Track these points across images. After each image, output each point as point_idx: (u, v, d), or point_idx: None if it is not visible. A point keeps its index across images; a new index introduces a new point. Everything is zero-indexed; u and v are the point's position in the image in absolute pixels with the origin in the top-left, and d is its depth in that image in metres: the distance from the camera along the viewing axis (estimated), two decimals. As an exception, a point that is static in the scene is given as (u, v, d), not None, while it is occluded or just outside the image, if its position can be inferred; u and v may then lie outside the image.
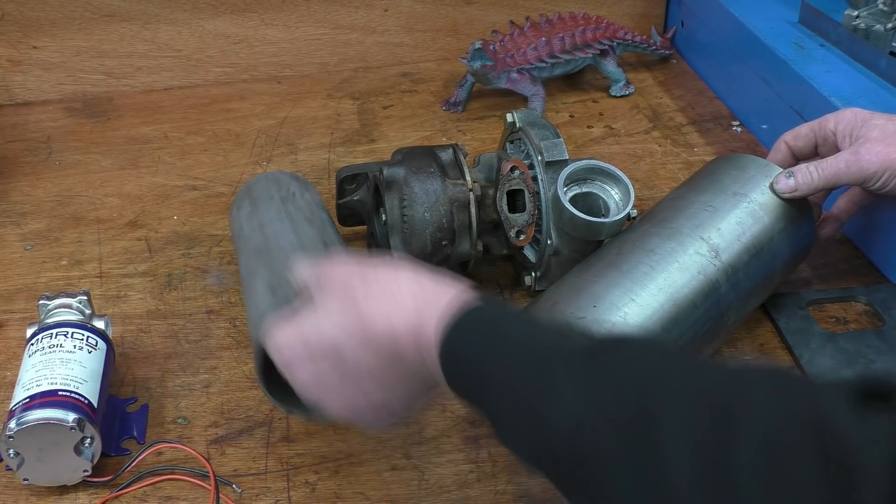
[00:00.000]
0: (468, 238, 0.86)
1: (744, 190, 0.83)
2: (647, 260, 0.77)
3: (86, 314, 0.81)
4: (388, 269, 0.57)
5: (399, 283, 0.55)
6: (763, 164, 0.85)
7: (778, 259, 0.83)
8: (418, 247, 0.85)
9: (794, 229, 0.84)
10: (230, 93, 1.08)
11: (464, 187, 0.85)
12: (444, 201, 0.85)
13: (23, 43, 1.26)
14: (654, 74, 1.36)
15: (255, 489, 0.74)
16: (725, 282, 0.78)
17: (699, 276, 0.77)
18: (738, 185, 0.83)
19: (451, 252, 0.86)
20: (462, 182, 0.85)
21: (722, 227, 0.80)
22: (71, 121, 1.25)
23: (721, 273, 0.78)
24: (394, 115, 1.26)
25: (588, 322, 0.71)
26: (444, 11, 1.37)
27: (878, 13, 1.08)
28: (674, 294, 0.76)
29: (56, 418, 0.71)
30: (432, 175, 0.85)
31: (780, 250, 0.83)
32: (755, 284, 0.81)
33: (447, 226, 0.85)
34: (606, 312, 0.73)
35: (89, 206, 1.08)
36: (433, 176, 0.85)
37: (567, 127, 1.23)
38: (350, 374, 0.57)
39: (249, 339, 0.74)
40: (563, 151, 0.87)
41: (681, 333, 0.75)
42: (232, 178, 1.12)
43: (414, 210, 0.84)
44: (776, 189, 0.82)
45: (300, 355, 0.59)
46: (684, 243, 0.79)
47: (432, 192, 0.84)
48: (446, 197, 0.85)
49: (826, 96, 1.03)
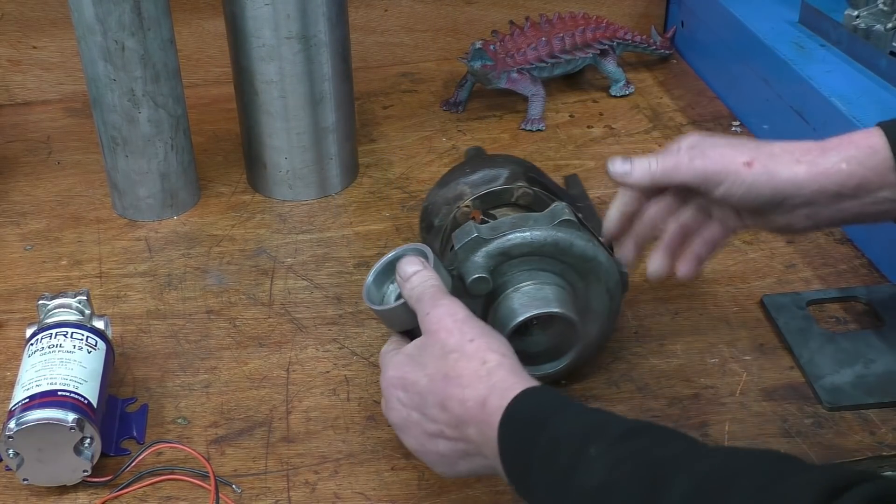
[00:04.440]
0: (438, 241, 0.87)
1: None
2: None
3: (85, 314, 0.81)
4: (480, 344, 0.64)
5: (486, 363, 0.63)
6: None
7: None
8: (422, 209, 0.90)
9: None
10: (230, 93, 1.08)
11: (461, 202, 0.86)
12: (443, 196, 0.87)
13: (23, 43, 1.26)
14: (654, 74, 1.36)
15: (255, 489, 0.74)
16: None
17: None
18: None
19: (426, 238, 0.88)
20: (468, 196, 0.86)
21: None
22: (71, 121, 1.25)
23: None
24: (394, 115, 1.26)
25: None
26: (444, 11, 1.38)
27: (878, 13, 1.08)
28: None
29: (56, 418, 0.71)
30: (465, 173, 0.87)
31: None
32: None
33: (430, 214, 0.87)
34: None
35: (89, 206, 1.08)
36: (464, 174, 0.87)
37: (567, 127, 1.23)
38: (426, 422, 0.65)
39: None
40: (460, 240, 0.77)
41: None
42: (232, 179, 1.13)
43: (436, 186, 0.89)
44: (610, 170, 0.76)
45: (394, 385, 0.67)
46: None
47: (450, 183, 0.88)
48: (446, 195, 0.87)
49: (826, 96, 1.03)
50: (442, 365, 0.64)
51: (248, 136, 1.09)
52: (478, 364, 0.62)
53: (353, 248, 1.01)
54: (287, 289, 0.95)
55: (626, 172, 0.75)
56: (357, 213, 1.07)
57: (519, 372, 0.62)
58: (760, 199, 0.71)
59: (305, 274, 0.97)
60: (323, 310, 0.92)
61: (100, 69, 0.97)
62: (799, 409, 0.80)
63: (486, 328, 0.66)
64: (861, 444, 0.77)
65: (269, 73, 1.02)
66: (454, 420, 0.63)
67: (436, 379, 0.64)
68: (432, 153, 1.18)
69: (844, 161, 0.70)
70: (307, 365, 0.86)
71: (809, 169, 0.70)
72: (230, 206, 1.08)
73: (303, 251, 1.01)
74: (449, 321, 0.65)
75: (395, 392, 0.67)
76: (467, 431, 0.62)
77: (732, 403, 0.81)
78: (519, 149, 1.18)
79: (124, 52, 0.96)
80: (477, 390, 0.61)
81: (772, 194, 0.71)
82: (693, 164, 0.72)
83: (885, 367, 0.83)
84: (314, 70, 1.03)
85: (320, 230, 1.04)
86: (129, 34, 0.96)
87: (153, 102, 1.00)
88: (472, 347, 0.63)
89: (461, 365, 0.63)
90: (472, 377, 0.62)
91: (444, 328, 0.65)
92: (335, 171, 1.10)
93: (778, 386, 0.83)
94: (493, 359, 0.63)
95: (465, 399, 0.61)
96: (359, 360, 0.86)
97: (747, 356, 0.86)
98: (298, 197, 1.09)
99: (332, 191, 1.10)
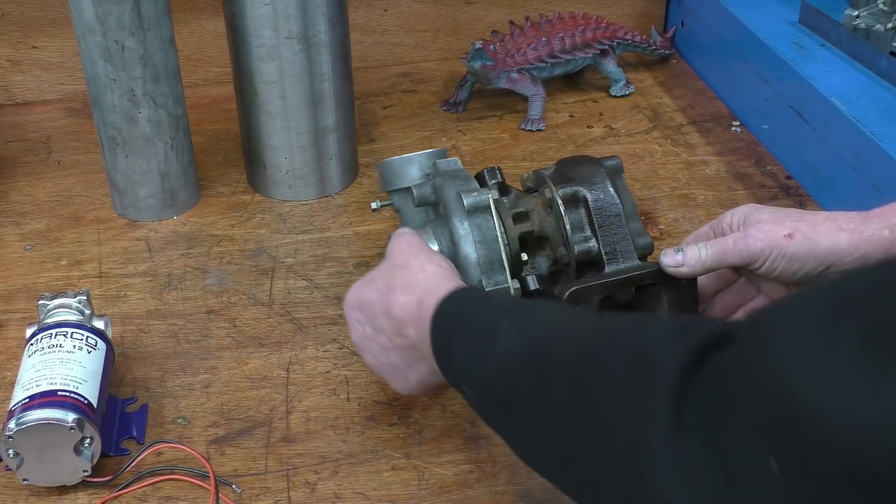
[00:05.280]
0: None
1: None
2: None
3: (85, 314, 0.81)
4: (421, 258, 0.71)
5: (424, 271, 0.70)
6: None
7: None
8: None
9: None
10: (230, 93, 1.08)
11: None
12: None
13: (23, 43, 1.26)
14: (654, 74, 1.36)
15: (255, 489, 0.74)
16: None
17: None
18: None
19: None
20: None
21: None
22: (71, 121, 1.25)
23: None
24: (393, 115, 1.26)
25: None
26: (444, 11, 1.37)
27: (879, 13, 1.08)
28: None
29: (55, 418, 0.71)
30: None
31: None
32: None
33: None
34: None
35: (89, 206, 1.08)
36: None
37: (567, 127, 1.23)
38: (378, 335, 0.71)
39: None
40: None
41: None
42: (232, 179, 1.13)
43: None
44: (664, 262, 0.77)
45: (353, 306, 0.74)
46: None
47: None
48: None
49: (826, 96, 1.03)
50: (389, 278, 0.71)
51: (247, 136, 1.09)
52: (417, 272, 0.70)
53: (353, 248, 1.01)
54: (287, 289, 0.95)
55: (679, 263, 0.77)
56: (357, 213, 1.07)
57: (454, 279, 0.70)
58: (803, 269, 0.72)
59: (305, 274, 0.97)
60: (323, 310, 0.92)
61: (100, 69, 0.97)
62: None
63: (433, 252, 0.74)
64: (861, 444, 0.77)
65: (269, 73, 1.02)
66: (396, 325, 0.69)
67: (383, 291, 0.70)
68: (432, 153, 1.18)
69: (887, 228, 0.71)
70: (307, 365, 0.86)
71: (851, 237, 0.71)
72: (230, 206, 1.08)
73: (303, 251, 1.01)
74: (403, 245, 0.73)
75: (353, 314, 0.74)
76: (407, 332, 0.68)
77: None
78: (519, 149, 1.18)
79: (124, 52, 0.96)
80: (415, 293, 0.68)
81: (814, 264, 0.72)
82: (737, 246, 0.74)
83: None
84: (314, 70, 1.03)
85: (320, 230, 1.04)
86: (129, 34, 0.96)
87: (153, 102, 1.00)
88: (415, 261, 0.71)
89: (404, 275, 0.70)
90: (411, 283, 0.69)
91: (397, 250, 0.72)
92: (335, 171, 1.10)
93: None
94: (430, 269, 0.70)
95: (406, 303, 0.68)
96: (359, 360, 0.86)
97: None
98: (298, 197, 1.09)
99: (332, 191, 1.10)
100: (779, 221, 0.73)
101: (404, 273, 0.70)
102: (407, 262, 0.71)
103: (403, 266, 0.71)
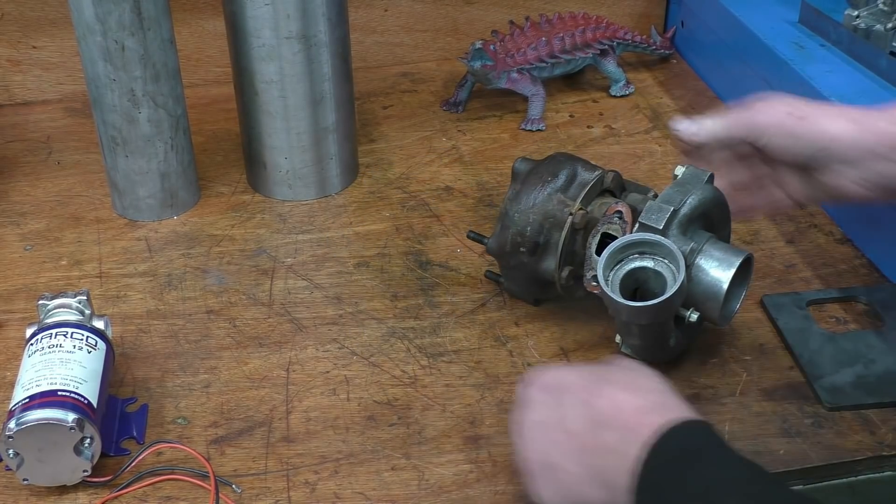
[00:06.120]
0: (553, 258, 0.85)
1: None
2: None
3: (85, 314, 0.81)
4: (647, 370, 0.64)
5: (651, 378, 0.63)
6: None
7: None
8: (503, 239, 0.86)
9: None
10: (230, 93, 1.08)
11: (566, 208, 0.84)
12: (537, 211, 0.85)
13: (23, 43, 1.26)
14: (654, 74, 1.36)
15: (255, 489, 0.74)
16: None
17: None
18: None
19: (529, 262, 0.86)
20: (570, 203, 0.84)
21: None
22: (71, 121, 1.25)
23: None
24: (393, 115, 1.26)
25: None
26: (444, 11, 1.37)
27: (879, 13, 1.08)
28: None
29: (55, 418, 0.71)
30: (544, 183, 0.85)
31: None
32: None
33: (530, 235, 0.84)
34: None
35: (89, 206, 1.08)
36: (544, 184, 0.85)
37: (567, 127, 1.23)
38: (560, 425, 0.62)
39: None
40: (659, 220, 0.79)
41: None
42: (232, 179, 1.13)
43: (514, 206, 0.86)
44: (680, 129, 0.81)
45: (541, 386, 0.66)
46: None
47: (532, 198, 0.85)
48: (542, 209, 0.84)
49: (826, 96, 1.03)
50: (601, 372, 0.63)
51: (247, 136, 1.09)
52: (642, 377, 0.62)
53: (353, 248, 1.01)
54: (287, 289, 0.95)
55: (695, 132, 0.79)
56: (357, 213, 1.07)
57: (683, 407, 0.60)
58: (808, 150, 0.73)
59: (305, 274, 0.97)
60: (323, 310, 0.92)
61: (100, 69, 0.97)
62: (799, 409, 0.80)
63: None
64: (861, 444, 0.77)
65: (269, 73, 1.02)
66: (594, 420, 0.60)
67: (590, 379, 0.62)
68: (432, 153, 1.18)
69: (894, 124, 0.72)
70: (307, 365, 0.86)
71: (858, 128, 0.72)
72: (230, 206, 1.08)
73: (303, 251, 1.01)
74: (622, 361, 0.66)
75: (537, 394, 0.65)
76: (604, 435, 0.59)
77: (732, 403, 0.81)
78: (519, 149, 1.18)
79: (124, 52, 0.96)
80: (637, 396, 0.60)
81: (818, 148, 0.73)
82: (742, 117, 0.76)
83: (885, 368, 0.83)
84: (314, 70, 1.03)
85: (320, 230, 1.04)
86: (128, 34, 0.96)
87: (153, 102, 1.00)
88: (640, 369, 0.64)
89: (626, 374, 0.62)
90: (632, 383, 0.61)
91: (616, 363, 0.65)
92: (335, 171, 1.10)
93: (778, 386, 0.83)
94: (657, 381, 0.62)
95: (621, 401, 0.59)
96: (359, 360, 0.86)
97: (747, 356, 0.86)
98: (298, 197, 1.09)
99: (332, 191, 1.10)
100: (789, 103, 0.75)
101: (626, 373, 0.63)
102: (629, 365, 0.65)
103: (623, 367, 0.64)
